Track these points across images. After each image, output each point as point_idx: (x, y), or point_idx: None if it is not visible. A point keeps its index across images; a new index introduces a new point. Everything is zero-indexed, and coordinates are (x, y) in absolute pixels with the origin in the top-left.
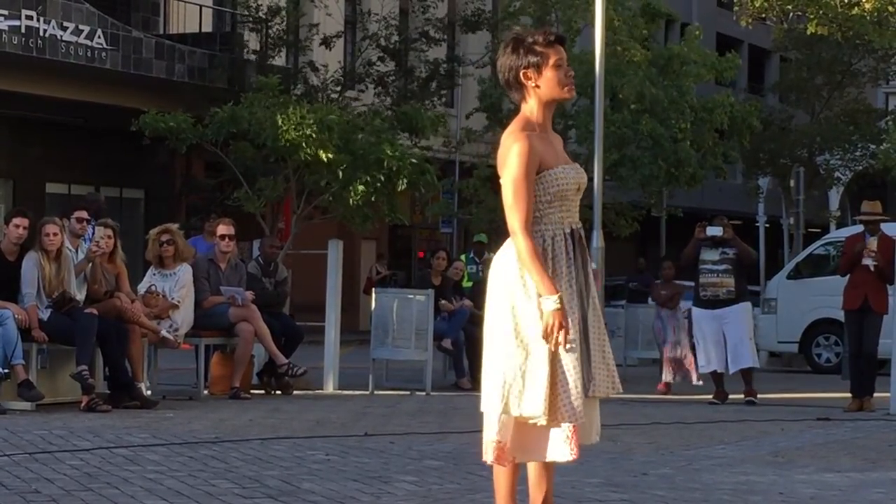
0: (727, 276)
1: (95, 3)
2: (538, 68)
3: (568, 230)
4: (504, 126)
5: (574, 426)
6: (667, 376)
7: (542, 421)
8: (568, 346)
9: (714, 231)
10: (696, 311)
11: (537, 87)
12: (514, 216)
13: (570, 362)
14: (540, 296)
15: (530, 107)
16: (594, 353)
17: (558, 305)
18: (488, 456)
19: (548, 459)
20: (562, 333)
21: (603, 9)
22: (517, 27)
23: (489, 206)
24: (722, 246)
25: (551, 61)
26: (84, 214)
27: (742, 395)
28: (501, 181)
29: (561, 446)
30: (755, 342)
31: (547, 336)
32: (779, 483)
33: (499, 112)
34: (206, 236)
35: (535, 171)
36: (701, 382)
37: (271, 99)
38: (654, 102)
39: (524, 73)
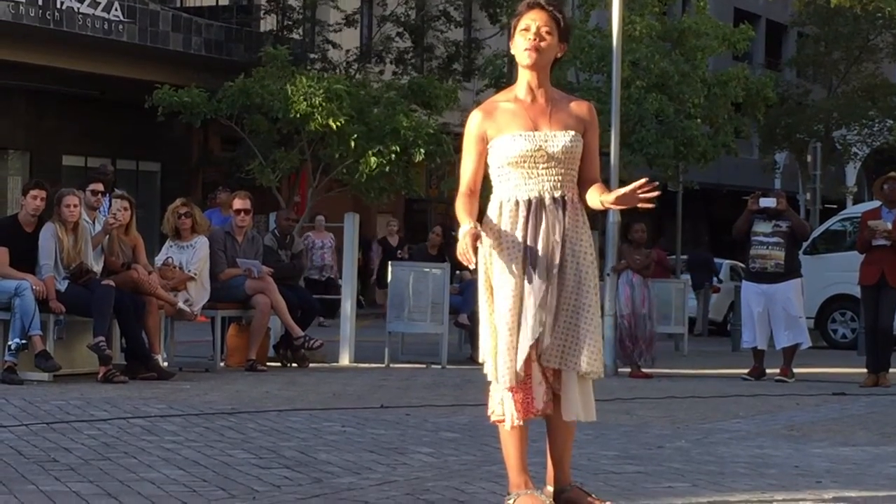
0: (777, 248)
1: None
2: (510, 32)
3: (525, 198)
4: None
5: (513, 392)
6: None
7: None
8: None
9: (767, 202)
10: (744, 284)
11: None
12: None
13: (503, 326)
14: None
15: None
16: (558, 323)
17: (467, 228)
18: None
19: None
20: (469, 251)
21: None
22: None
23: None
24: (776, 218)
25: (520, 25)
26: (100, 187)
27: (777, 370)
28: None
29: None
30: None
31: (461, 256)
32: (794, 456)
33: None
34: (223, 209)
35: (480, 141)
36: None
37: (282, 71)
38: (663, 77)
39: (511, 40)
